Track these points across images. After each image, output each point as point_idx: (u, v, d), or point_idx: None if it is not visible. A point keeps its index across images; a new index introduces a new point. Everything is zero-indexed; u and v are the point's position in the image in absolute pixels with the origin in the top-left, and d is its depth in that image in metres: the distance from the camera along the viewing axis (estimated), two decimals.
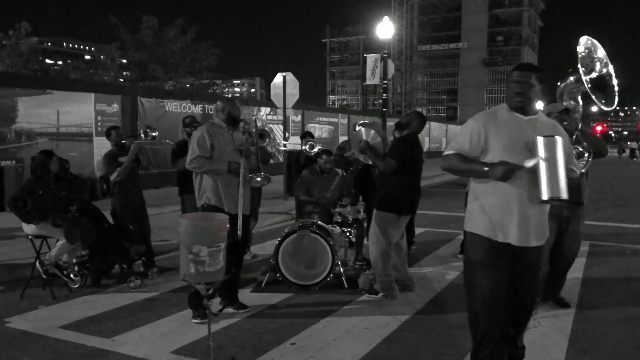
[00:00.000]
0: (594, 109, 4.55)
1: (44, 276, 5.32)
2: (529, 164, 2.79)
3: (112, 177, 5.77)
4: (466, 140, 3.00)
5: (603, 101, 4.05)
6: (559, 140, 2.78)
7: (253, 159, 4.66)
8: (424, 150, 7.54)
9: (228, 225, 3.34)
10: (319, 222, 5.75)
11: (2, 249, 6.95)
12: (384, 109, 16.93)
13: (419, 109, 79.35)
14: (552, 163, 2.75)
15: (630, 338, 4.12)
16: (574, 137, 4.42)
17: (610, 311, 4.75)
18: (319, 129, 21.77)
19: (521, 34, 72.52)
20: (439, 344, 3.97)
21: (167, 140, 6.20)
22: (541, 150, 2.76)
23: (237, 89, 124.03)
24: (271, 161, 5.48)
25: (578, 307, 4.84)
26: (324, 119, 22.53)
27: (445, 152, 3.12)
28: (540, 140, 2.78)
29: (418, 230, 8.56)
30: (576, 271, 5.86)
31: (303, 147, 7.26)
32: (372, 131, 5.46)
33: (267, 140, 6.23)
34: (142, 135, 5.87)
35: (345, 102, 79.97)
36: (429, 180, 16.18)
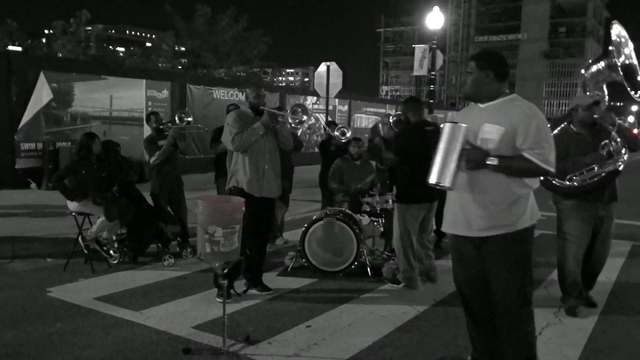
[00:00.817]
0: (634, 108, 4.31)
1: (85, 251, 5.67)
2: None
3: (151, 161, 6.05)
4: None
5: (634, 92, 3.92)
6: (461, 127, 2.80)
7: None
8: None
9: (244, 208, 3.48)
10: (347, 211, 5.84)
11: (53, 224, 7.43)
12: (431, 101, 16.77)
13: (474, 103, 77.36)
14: (449, 150, 2.79)
15: None
16: (612, 133, 4.27)
17: (638, 313, 4.59)
18: (366, 119, 21.74)
19: (585, 25, 69.32)
20: (451, 334, 3.98)
21: (199, 125, 6.39)
22: (444, 136, 2.82)
23: (291, 78, 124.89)
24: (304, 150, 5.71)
25: (605, 306, 4.71)
26: (371, 109, 22.46)
27: None
28: (445, 126, 2.84)
29: None
30: (611, 271, 5.70)
31: (335, 134, 7.32)
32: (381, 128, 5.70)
33: (299, 131, 6.38)
34: (177, 121, 6.11)
35: (397, 93, 79.09)
36: None
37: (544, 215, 3.19)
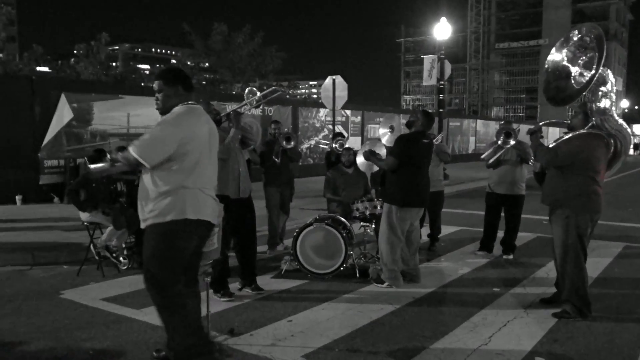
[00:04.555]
0: None
1: (97, 258, 6.15)
2: None
3: None
4: None
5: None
6: None
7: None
8: (470, 151, 7.84)
9: (223, 212, 3.88)
10: (336, 216, 6.20)
11: (69, 234, 7.96)
12: (441, 110, 17.05)
13: (496, 108, 77.07)
14: None
15: (606, 334, 4.22)
16: None
17: (602, 309, 4.75)
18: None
19: (608, 29, 68.43)
20: (419, 327, 4.31)
21: None
22: None
23: (314, 90, 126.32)
24: (318, 161, 6.05)
25: None
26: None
27: None
28: None
29: (452, 229, 8.79)
30: (594, 270, 5.92)
31: (334, 146, 7.72)
32: (378, 142, 6.07)
33: (292, 143, 6.82)
34: None
35: (419, 102, 79.10)
36: (476, 183, 16.18)
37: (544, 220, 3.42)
